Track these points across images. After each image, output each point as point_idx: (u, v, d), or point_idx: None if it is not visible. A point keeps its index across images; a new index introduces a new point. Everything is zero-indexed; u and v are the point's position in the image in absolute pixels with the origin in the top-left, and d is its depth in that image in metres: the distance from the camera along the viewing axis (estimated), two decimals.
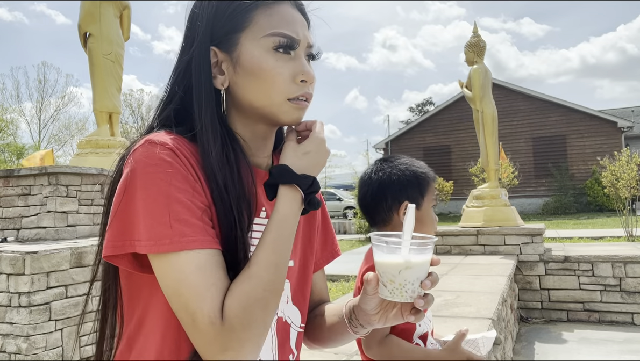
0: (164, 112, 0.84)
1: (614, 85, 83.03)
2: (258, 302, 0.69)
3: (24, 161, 8.45)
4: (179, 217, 0.69)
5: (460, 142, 22.77)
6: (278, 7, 0.82)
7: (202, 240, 0.70)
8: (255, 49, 0.80)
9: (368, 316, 0.83)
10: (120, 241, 0.71)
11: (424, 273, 0.76)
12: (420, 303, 0.76)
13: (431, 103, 45.54)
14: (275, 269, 0.72)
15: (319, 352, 2.43)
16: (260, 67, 0.79)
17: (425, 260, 0.76)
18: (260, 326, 0.69)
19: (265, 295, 0.70)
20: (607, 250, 6.24)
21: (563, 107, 21.41)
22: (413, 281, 0.75)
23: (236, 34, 0.81)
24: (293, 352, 0.90)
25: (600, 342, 4.87)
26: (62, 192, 4.58)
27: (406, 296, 0.75)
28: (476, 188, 7.18)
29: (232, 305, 0.68)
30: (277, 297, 0.72)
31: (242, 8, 0.80)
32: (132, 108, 33.92)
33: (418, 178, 1.48)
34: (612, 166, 9.57)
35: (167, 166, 0.71)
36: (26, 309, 3.40)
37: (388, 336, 1.36)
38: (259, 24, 0.80)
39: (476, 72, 6.70)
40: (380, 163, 1.54)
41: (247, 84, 0.81)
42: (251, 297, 0.69)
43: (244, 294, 0.69)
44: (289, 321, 0.90)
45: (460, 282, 4.33)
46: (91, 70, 6.00)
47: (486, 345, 1.38)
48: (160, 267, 0.69)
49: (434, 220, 1.52)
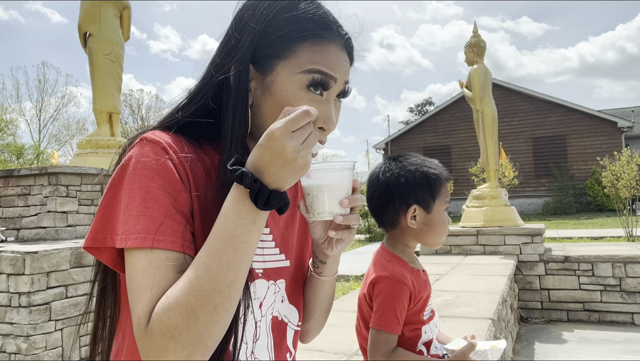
0: (188, 111, 0.81)
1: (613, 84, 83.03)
2: (179, 307, 0.62)
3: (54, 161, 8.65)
4: (150, 213, 0.68)
5: (460, 142, 22.78)
6: (325, 45, 0.78)
7: (165, 240, 0.67)
8: (290, 83, 0.77)
9: (319, 246, 0.88)
10: (102, 234, 0.71)
11: (341, 193, 0.80)
12: (339, 220, 0.79)
13: (431, 103, 45.55)
14: (206, 272, 0.64)
15: (319, 352, 2.43)
16: (289, 104, 0.76)
17: (338, 182, 0.80)
18: (186, 336, 0.61)
19: (189, 301, 0.62)
20: (607, 250, 6.24)
21: (563, 107, 21.42)
22: (328, 200, 0.79)
23: (275, 60, 0.78)
24: (290, 351, 0.90)
25: (600, 342, 4.87)
26: (62, 192, 4.58)
27: (323, 215, 0.80)
28: (476, 188, 7.18)
29: (156, 309, 0.63)
30: (207, 305, 0.62)
31: (289, 37, 0.77)
32: (132, 109, 33.95)
33: (429, 180, 1.41)
34: (612, 166, 9.56)
35: (154, 163, 0.71)
36: (26, 309, 3.40)
37: (395, 350, 1.34)
38: (301, 57, 0.77)
39: (476, 72, 6.70)
40: (389, 163, 1.47)
41: (270, 112, 0.78)
42: (173, 301, 0.62)
43: (168, 297, 0.63)
44: (285, 320, 0.89)
45: (460, 282, 4.33)
46: (91, 70, 6.00)
47: (495, 355, 1.34)
48: (126, 262, 0.69)
49: (446, 222, 1.45)
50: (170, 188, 0.70)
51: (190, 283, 0.63)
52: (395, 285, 1.35)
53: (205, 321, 0.62)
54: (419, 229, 1.43)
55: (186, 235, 0.70)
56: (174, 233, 0.68)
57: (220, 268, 0.64)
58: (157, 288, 0.65)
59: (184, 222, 0.70)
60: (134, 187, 0.69)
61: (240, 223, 0.67)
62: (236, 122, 0.77)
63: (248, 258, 0.67)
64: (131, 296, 0.66)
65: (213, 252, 0.65)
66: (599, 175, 14.67)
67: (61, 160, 26.96)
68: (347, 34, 0.82)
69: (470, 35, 6.96)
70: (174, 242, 0.68)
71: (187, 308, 0.62)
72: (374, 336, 1.35)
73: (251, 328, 0.82)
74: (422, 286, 1.43)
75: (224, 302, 0.64)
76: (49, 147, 30.43)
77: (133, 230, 0.67)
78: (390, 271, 1.37)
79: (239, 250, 0.66)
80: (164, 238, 0.67)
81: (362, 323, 1.45)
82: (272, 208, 0.68)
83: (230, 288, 0.64)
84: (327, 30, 0.78)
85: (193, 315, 0.62)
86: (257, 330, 0.83)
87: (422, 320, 1.42)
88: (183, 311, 0.62)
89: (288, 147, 0.65)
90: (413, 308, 1.39)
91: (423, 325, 1.42)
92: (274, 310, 0.87)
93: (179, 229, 0.69)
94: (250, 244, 0.67)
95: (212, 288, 0.63)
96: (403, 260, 1.44)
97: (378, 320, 1.34)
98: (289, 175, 0.67)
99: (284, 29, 0.77)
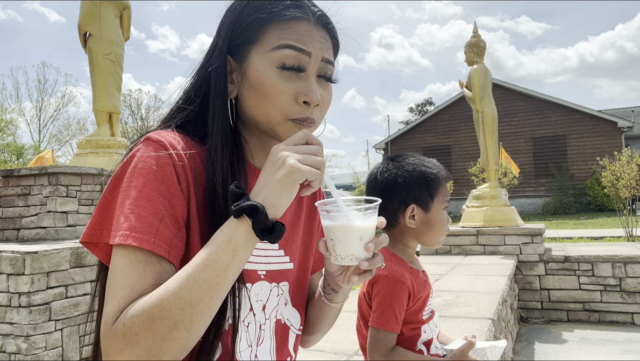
0: (179, 113, 0.83)
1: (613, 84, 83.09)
2: (143, 315, 0.61)
3: (32, 163, 8.53)
4: (140, 212, 0.68)
5: (460, 142, 22.78)
6: (294, 22, 0.78)
7: (149, 240, 0.66)
8: (261, 63, 0.77)
9: (334, 277, 0.84)
10: (98, 229, 0.72)
11: (366, 236, 0.75)
12: (364, 265, 0.75)
13: (431, 103, 45.56)
14: (175, 286, 0.62)
15: (319, 352, 2.43)
16: (262, 83, 0.77)
17: (365, 225, 0.75)
18: (143, 346, 0.60)
19: (152, 311, 0.61)
20: (607, 250, 6.24)
21: (563, 107, 21.42)
22: (353, 244, 0.75)
23: (248, 46, 0.79)
24: (291, 355, 0.89)
25: (600, 342, 4.87)
26: (62, 192, 4.58)
27: (348, 259, 0.75)
28: (476, 188, 7.18)
29: (125, 311, 0.63)
30: (167, 320, 0.61)
31: (257, 21, 0.78)
32: (132, 109, 33.91)
33: (427, 180, 1.41)
34: (612, 166, 9.56)
35: (153, 164, 0.71)
36: (26, 309, 3.40)
37: (394, 349, 1.34)
38: (270, 37, 0.78)
39: (476, 72, 6.70)
40: (387, 163, 1.47)
41: (250, 98, 0.79)
42: (139, 308, 0.62)
43: (138, 303, 0.62)
44: (288, 324, 0.89)
45: (460, 282, 4.32)
46: (91, 70, 6.00)
47: (495, 354, 1.33)
48: (111, 257, 0.69)
49: (445, 222, 1.45)
50: (165, 191, 0.70)
51: (160, 294, 0.62)
52: (394, 284, 1.35)
53: (163, 335, 0.60)
54: (417, 229, 1.44)
55: (173, 242, 0.69)
56: (160, 236, 0.67)
57: (187, 284, 0.62)
58: (131, 290, 0.64)
59: (174, 228, 0.70)
60: (131, 185, 0.69)
61: (224, 246, 0.65)
62: (216, 114, 0.78)
63: (220, 279, 0.64)
64: (107, 293, 0.66)
65: (188, 267, 0.64)
66: (599, 175, 14.66)
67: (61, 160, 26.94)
68: (320, 10, 0.82)
69: (470, 35, 6.96)
70: (158, 245, 0.67)
71: (149, 318, 0.61)
72: (373, 335, 1.36)
73: (255, 331, 0.81)
74: (421, 286, 1.43)
75: (184, 320, 0.61)
76: (48, 147, 30.39)
77: (120, 228, 0.67)
78: (389, 271, 1.37)
79: (208, 269, 0.63)
80: (148, 238, 0.66)
81: (362, 322, 1.45)
82: (272, 239, 0.66)
83: (193, 307, 0.61)
84: (296, 9, 0.79)
85: (153, 326, 0.60)
86: (261, 333, 0.82)
87: (422, 319, 1.42)
88: (145, 320, 0.61)
89: (283, 153, 0.67)
90: (412, 308, 1.39)
91: (422, 325, 1.42)
92: (277, 313, 0.86)
93: (166, 233, 0.68)
94: (221, 263, 0.64)
95: (176, 304, 0.61)
96: (402, 259, 1.44)
97: (377, 318, 1.35)
98: (281, 182, 0.66)
99: (252, 15, 0.79)
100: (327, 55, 0.80)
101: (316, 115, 0.80)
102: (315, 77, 0.80)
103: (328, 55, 0.80)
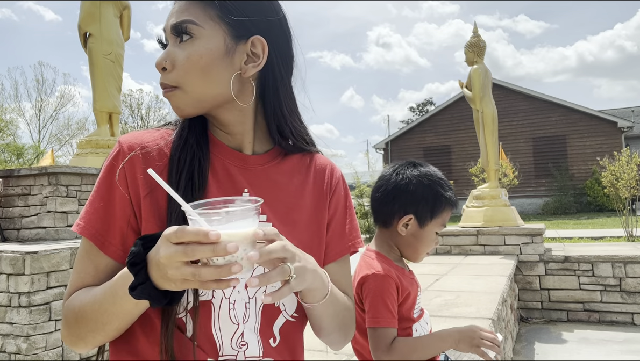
0: None
1: (613, 84, 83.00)
2: (74, 310, 0.78)
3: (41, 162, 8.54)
4: (90, 205, 0.82)
5: (460, 142, 22.77)
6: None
7: (90, 231, 0.80)
8: None
9: None
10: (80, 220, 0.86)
11: (246, 246, 0.61)
12: (254, 283, 0.64)
13: (431, 103, 45.60)
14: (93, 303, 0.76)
15: (319, 352, 2.43)
16: None
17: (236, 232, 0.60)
18: (73, 331, 0.79)
19: (78, 315, 0.78)
20: (607, 250, 6.24)
21: (563, 107, 21.42)
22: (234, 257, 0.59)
23: None
24: (275, 337, 0.87)
25: (600, 342, 4.87)
26: (62, 192, 4.58)
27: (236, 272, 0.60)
28: (476, 188, 7.18)
29: (72, 298, 0.80)
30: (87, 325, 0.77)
31: None
32: (132, 109, 33.92)
33: (435, 200, 1.43)
34: (612, 166, 9.56)
35: (107, 164, 0.84)
36: (26, 309, 3.40)
37: (394, 341, 1.35)
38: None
39: (476, 72, 6.70)
40: (407, 166, 1.49)
41: None
42: (77, 302, 0.78)
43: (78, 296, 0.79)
44: (281, 308, 0.87)
45: (460, 282, 4.32)
46: (91, 70, 6.00)
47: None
48: None
49: (433, 243, 1.48)
50: (110, 187, 0.81)
51: (82, 303, 0.77)
52: (382, 280, 1.37)
53: (85, 333, 0.78)
54: (405, 239, 1.47)
55: (110, 234, 0.80)
56: (102, 230, 0.80)
57: (101, 308, 0.75)
58: (78, 277, 0.81)
59: (117, 222, 0.80)
60: (96, 182, 0.84)
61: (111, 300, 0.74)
62: None
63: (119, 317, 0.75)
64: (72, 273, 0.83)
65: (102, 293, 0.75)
66: (599, 175, 14.65)
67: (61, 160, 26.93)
68: None
69: (470, 35, 6.96)
70: (96, 237, 0.79)
71: (75, 318, 0.78)
72: (372, 336, 1.36)
73: (242, 308, 0.82)
74: (409, 283, 1.45)
75: (97, 329, 0.76)
76: (48, 147, 30.39)
77: (81, 218, 0.81)
78: (375, 269, 1.39)
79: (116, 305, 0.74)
80: (90, 227, 0.80)
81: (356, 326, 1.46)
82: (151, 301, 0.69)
83: (105, 326, 0.76)
84: None
85: (77, 325, 0.78)
86: (246, 311, 0.83)
87: (412, 317, 1.45)
88: (75, 317, 0.78)
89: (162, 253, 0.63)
90: (403, 304, 1.41)
91: (413, 323, 1.44)
92: (264, 294, 0.83)
93: (105, 227, 0.80)
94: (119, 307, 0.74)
95: (92, 318, 0.76)
96: (388, 258, 1.47)
97: (372, 318, 1.36)
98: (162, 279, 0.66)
99: None
100: (179, 18, 0.83)
101: (170, 79, 0.83)
102: (171, 46, 0.85)
103: (179, 18, 0.83)
